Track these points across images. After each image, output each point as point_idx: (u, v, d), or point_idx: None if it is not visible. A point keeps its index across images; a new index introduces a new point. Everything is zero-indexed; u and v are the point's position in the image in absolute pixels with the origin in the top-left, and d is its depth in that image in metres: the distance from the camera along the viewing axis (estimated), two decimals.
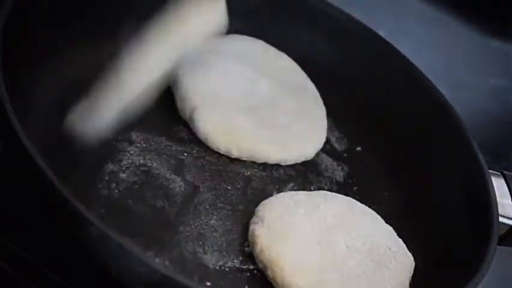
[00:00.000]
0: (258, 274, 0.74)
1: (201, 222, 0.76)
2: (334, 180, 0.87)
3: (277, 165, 0.85)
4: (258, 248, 0.74)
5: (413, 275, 0.77)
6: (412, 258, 0.78)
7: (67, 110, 0.78)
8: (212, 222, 0.77)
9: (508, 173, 0.84)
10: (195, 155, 0.82)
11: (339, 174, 0.87)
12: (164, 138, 0.82)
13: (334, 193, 0.82)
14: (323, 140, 0.88)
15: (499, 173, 0.84)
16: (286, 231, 0.75)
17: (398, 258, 0.77)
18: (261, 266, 0.74)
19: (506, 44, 1.28)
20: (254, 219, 0.77)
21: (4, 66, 0.68)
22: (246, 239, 0.76)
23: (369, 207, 0.82)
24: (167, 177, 0.79)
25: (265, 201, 0.79)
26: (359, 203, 0.81)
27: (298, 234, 0.75)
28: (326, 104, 0.91)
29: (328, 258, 0.74)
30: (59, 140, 0.74)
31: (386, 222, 0.81)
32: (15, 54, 0.72)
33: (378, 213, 0.81)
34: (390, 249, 0.77)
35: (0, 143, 0.71)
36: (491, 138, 1.10)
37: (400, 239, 0.79)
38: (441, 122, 0.89)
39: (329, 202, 0.79)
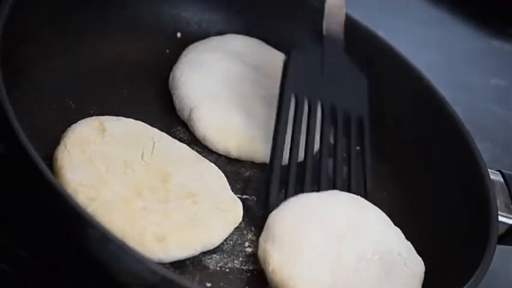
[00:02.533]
0: (258, 275, 0.74)
1: None
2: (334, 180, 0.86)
3: None
4: (270, 268, 0.72)
5: None
6: (422, 262, 0.77)
7: (66, 109, 0.79)
8: None
9: (508, 172, 0.84)
10: None
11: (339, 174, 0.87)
12: None
13: (345, 192, 0.81)
14: None
15: (499, 173, 0.84)
16: (298, 249, 0.73)
17: (408, 264, 0.76)
18: (272, 285, 0.72)
19: (506, 44, 1.29)
20: (265, 235, 0.74)
21: (4, 66, 0.68)
22: (246, 239, 0.76)
23: None
24: None
25: (275, 211, 0.76)
26: (366, 201, 0.81)
27: (310, 250, 0.73)
28: None
29: (340, 273, 0.73)
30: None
31: None
32: (15, 53, 0.72)
33: None
34: (400, 254, 0.76)
35: (1, 145, 0.71)
36: (491, 138, 1.10)
37: (409, 242, 0.79)
38: (441, 122, 0.88)
39: (341, 204, 0.78)
